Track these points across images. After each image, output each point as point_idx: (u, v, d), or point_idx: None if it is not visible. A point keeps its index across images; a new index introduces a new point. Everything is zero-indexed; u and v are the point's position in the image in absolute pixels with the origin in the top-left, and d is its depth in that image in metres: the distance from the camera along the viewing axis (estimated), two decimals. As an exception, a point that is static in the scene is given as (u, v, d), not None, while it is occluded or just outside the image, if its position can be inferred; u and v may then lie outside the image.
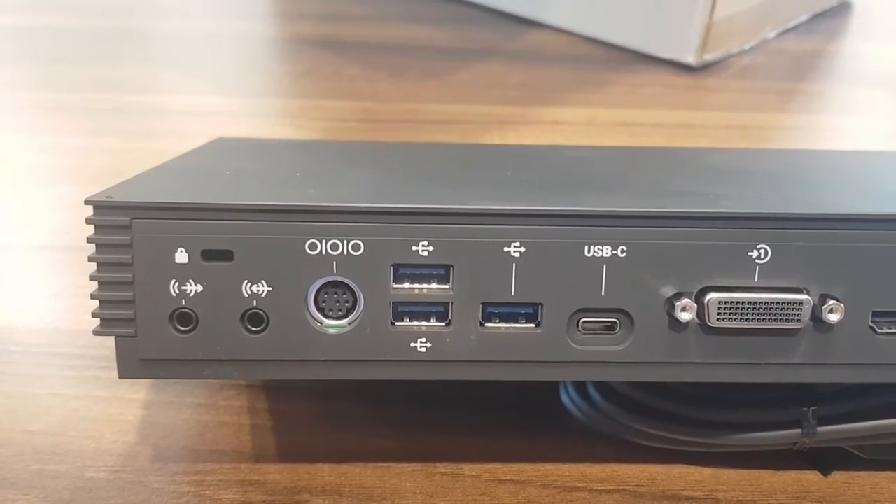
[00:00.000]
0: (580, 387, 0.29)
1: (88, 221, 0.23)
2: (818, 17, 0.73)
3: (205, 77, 0.60)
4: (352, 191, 0.26)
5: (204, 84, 0.59)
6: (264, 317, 0.24)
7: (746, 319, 0.24)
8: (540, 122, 0.54)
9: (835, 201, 0.26)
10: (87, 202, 0.23)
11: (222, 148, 0.35)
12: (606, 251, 0.24)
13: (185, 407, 0.31)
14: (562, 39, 0.66)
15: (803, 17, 0.71)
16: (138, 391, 0.31)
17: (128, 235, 0.23)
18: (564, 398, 0.30)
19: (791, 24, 0.70)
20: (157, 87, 0.58)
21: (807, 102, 0.60)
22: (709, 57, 0.61)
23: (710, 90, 0.60)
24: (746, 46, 0.65)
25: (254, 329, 0.24)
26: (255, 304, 0.23)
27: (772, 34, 0.68)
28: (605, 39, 0.65)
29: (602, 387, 0.29)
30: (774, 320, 0.24)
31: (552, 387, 0.31)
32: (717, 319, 0.24)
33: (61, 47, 0.63)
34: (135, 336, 0.24)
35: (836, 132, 0.57)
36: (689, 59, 0.61)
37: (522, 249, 0.24)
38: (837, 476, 0.29)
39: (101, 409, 0.31)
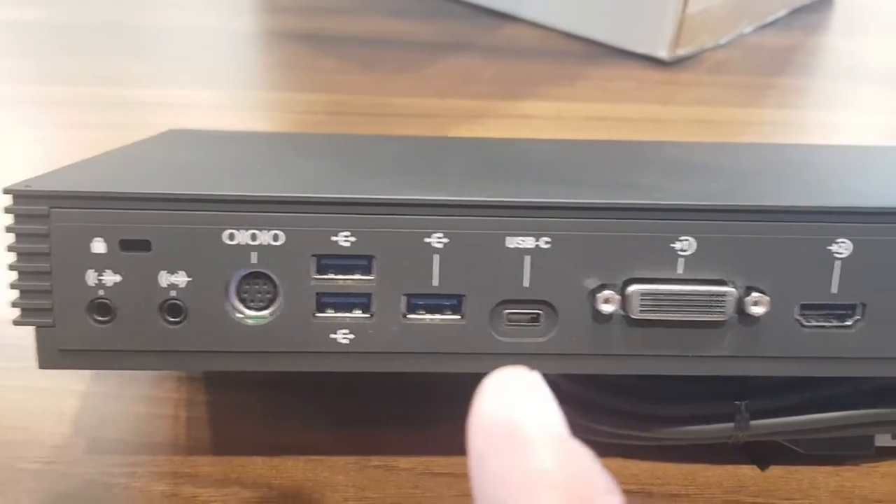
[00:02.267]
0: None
1: (7, 210, 0.23)
2: (798, 11, 0.73)
3: (180, 70, 0.60)
4: (279, 181, 0.26)
5: (178, 77, 0.59)
6: (183, 307, 0.23)
7: (669, 311, 0.24)
8: (509, 116, 0.54)
9: (766, 194, 0.26)
10: (6, 191, 0.23)
11: (170, 140, 0.35)
12: (529, 242, 0.23)
13: (123, 398, 0.31)
14: (537, 34, 0.66)
15: (782, 12, 0.71)
16: (78, 382, 0.31)
17: (45, 225, 0.23)
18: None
19: (769, 19, 0.70)
20: (128, 80, 0.58)
21: (780, 97, 0.60)
22: (682, 51, 0.61)
23: (683, 85, 0.59)
24: (722, 41, 0.65)
25: (172, 320, 0.23)
26: (173, 294, 0.23)
27: (748, 29, 0.67)
28: (579, 34, 0.64)
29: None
30: (698, 312, 0.24)
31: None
32: (640, 311, 0.24)
33: (38, 40, 0.63)
34: (53, 326, 0.24)
35: (807, 127, 0.57)
36: (662, 53, 0.60)
37: (445, 240, 0.23)
38: (775, 470, 0.29)
39: (39, 400, 0.31)
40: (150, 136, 0.35)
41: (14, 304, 0.24)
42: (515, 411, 0.17)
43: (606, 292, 0.23)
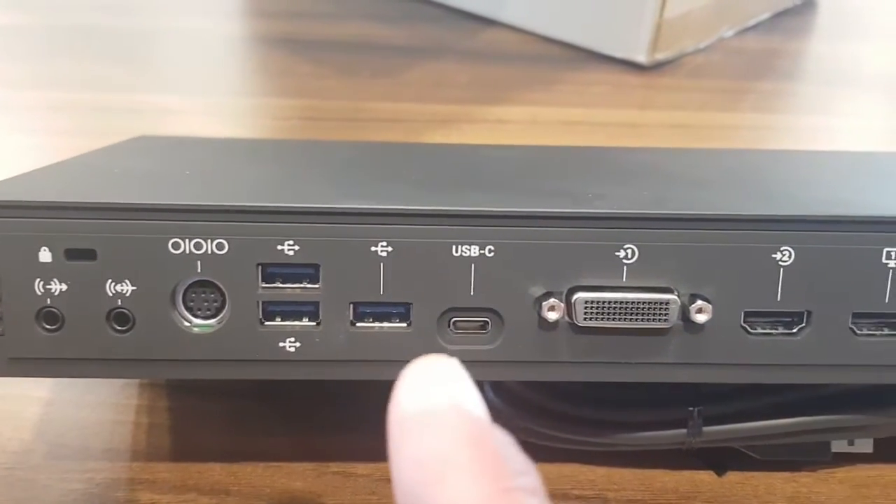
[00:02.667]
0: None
1: (-46, 220, 0.23)
2: (780, 15, 0.73)
3: (157, 76, 0.60)
4: (229, 189, 0.26)
5: (158, 83, 0.59)
6: (130, 316, 0.24)
7: (614, 319, 0.24)
8: (484, 121, 0.54)
9: (710, 202, 0.26)
10: (-48, 201, 0.23)
11: (135, 147, 0.35)
12: (474, 251, 0.24)
13: (85, 405, 0.31)
14: (517, 38, 0.66)
15: (764, 16, 0.71)
16: (41, 389, 0.31)
17: (-8, 234, 0.23)
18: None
19: (751, 23, 0.70)
20: (106, 85, 0.58)
21: (758, 102, 0.60)
22: (661, 56, 0.61)
23: (661, 89, 0.59)
24: (702, 45, 0.65)
25: (120, 328, 0.24)
26: (119, 303, 0.23)
27: (729, 33, 0.67)
28: (559, 38, 0.64)
29: (493, 385, 0.29)
30: (642, 320, 0.24)
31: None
32: (585, 319, 0.24)
33: (27, 45, 0.63)
34: (2, 335, 0.24)
35: (786, 131, 0.57)
36: (641, 58, 0.61)
37: (390, 249, 0.24)
38: (732, 476, 0.29)
39: (0, 406, 0.31)
40: (116, 143, 0.36)
41: (-37, 313, 0.24)
42: (429, 398, 0.17)
43: (551, 300, 0.24)
